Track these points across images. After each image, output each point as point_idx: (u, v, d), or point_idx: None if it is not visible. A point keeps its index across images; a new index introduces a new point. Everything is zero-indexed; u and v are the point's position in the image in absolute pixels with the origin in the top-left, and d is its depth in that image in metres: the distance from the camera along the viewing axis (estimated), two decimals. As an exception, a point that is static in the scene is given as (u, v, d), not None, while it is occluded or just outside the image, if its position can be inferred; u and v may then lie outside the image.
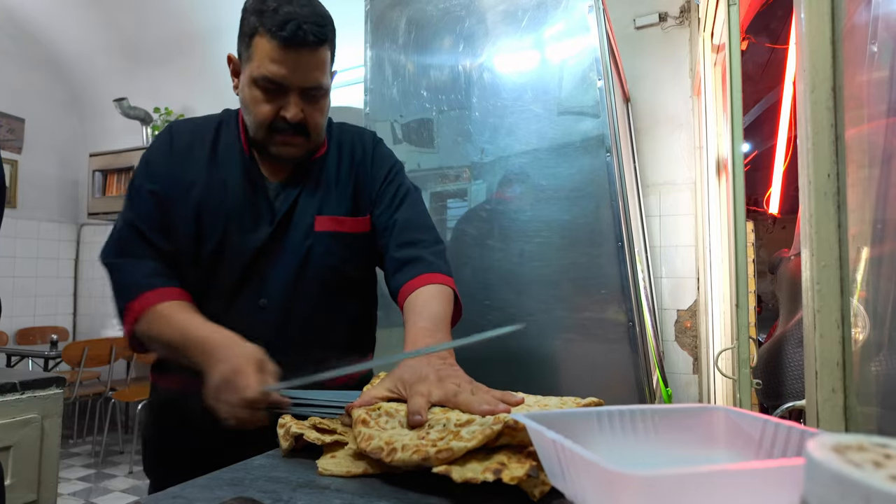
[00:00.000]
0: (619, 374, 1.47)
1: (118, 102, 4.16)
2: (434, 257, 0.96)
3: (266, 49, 0.85)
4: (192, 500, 0.49)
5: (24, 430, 1.30)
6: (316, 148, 0.97)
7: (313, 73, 0.87)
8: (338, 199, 0.98)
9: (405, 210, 1.00)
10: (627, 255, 1.47)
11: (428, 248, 0.97)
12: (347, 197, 0.99)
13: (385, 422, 0.61)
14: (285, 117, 0.88)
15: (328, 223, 0.96)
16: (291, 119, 0.88)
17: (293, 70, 0.85)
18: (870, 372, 0.67)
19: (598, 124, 1.50)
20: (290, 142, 0.91)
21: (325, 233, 0.95)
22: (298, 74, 0.86)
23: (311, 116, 0.90)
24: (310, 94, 0.89)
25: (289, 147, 0.92)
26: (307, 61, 0.86)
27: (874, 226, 0.66)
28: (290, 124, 0.89)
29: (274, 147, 0.92)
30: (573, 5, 1.56)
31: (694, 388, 2.53)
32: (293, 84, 0.87)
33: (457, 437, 0.52)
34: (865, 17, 0.71)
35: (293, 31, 0.82)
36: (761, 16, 2.63)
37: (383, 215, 0.99)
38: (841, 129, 0.67)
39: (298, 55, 0.85)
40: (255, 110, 0.90)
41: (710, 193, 2.22)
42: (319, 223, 0.95)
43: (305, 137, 0.92)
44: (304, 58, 0.85)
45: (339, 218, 0.97)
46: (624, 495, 0.31)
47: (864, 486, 0.19)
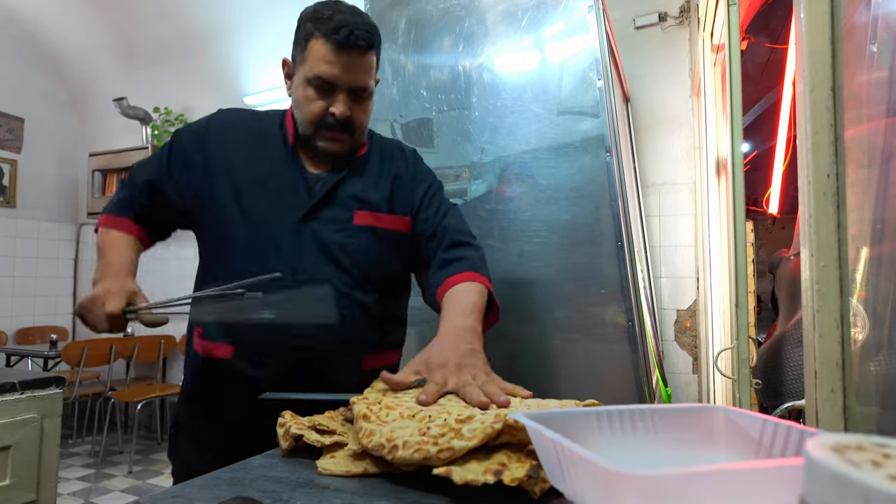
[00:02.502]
0: (619, 374, 1.47)
1: (118, 102, 4.16)
2: (478, 260, 1.05)
3: (320, 51, 0.94)
4: (191, 500, 0.49)
5: (23, 430, 1.30)
6: (358, 146, 1.05)
7: (361, 75, 0.96)
8: (376, 197, 1.05)
9: (451, 218, 1.09)
10: (627, 255, 1.47)
11: (474, 251, 1.07)
12: (385, 198, 1.05)
13: (386, 414, 0.61)
14: (334, 114, 0.96)
15: (367, 218, 1.02)
16: (340, 116, 0.96)
17: (344, 70, 0.94)
18: (869, 372, 0.67)
19: (598, 124, 1.50)
20: (336, 137, 0.99)
21: (365, 227, 1.01)
22: (348, 75, 0.95)
23: (356, 115, 0.99)
24: (357, 94, 0.98)
25: (335, 142, 1.00)
26: (356, 63, 0.95)
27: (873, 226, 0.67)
28: (339, 121, 0.97)
29: (322, 141, 0.99)
30: (573, 5, 1.56)
31: (693, 388, 2.53)
32: (343, 83, 0.95)
33: (458, 436, 0.52)
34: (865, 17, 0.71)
35: (346, 35, 0.92)
36: (761, 16, 2.63)
37: (431, 221, 1.07)
38: (840, 129, 0.67)
39: (349, 57, 0.93)
40: (306, 107, 0.98)
41: (710, 193, 2.22)
42: (359, 217, 1.01)
43: (350, 134, 1.00)
44: (354, 60, 0.94)
45: (377, 214, 1.03)
46: (623, 495, 0.31)
47: (863, 486, 0.19)
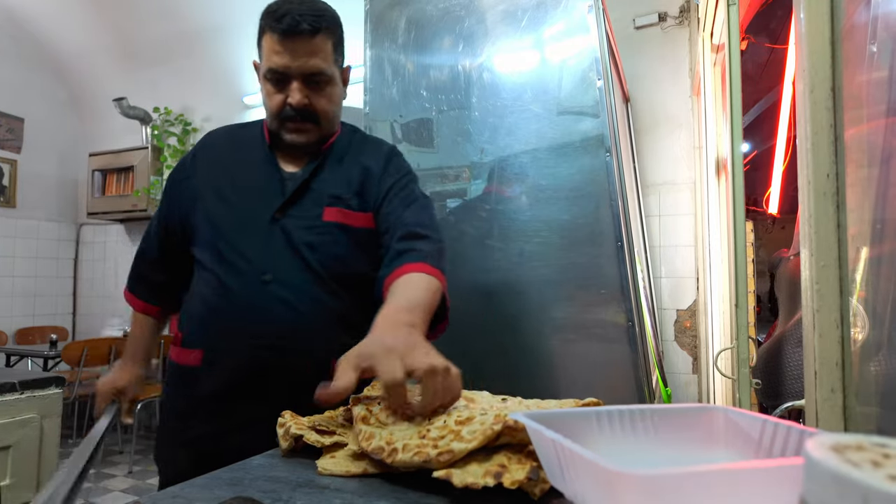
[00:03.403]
0: (619, 374, 1.47)
1: (118, 102, 4.16)
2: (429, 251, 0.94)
3: (270, 44, 0.94)
4: (191, 500, 0.49)
5: (23, 430, 1.30)
6: (328, 136, 1.03)
7: (311, 60, 0.94)
8: (346, 192, 1.02)
9: (414, 212, 1.01)
10: (627, 255, 1.47)
11: (431, 244, 0.96)
12: (355, 193, 1.03)
13: (386, 416, 0.61)
14: (291, 104, 0.95)
15: (336, 214, 1.00)
16: (296, 105, 0.95)
17: (292, 58, 0.93)
18: (869, 372, 0.67)
19: (598, 124, 1.50)
20: (300, 128, 0.98)
21: (333, 224, 0.99)
22: (297, 62, 0.93)
23: (316, 102, 0.97)
24: (312, 80, 0.96)
25: (299, 133, 0.99)
26: (304, 49, 0.93)
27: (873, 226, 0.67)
28: (297, 110, 0.96)
29: (287, 134, 0.99)
30: (573, 5, 1.56)
31: (693, 388, 2.53)
32: (294, 72, 0.94)
33: (457, 438, 0.52)
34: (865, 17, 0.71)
35: (289, 22, 0.91)
36: (761, 16, 2.63)
37: (392, 214, 1.01)
38: (840, 129, 0.67)
39: (295, 44, 0.92)
40: (268, 103, 0.99)
41: (710, 193, 2.22)
42: (328, 214, 0.99)
43: (315, 124, 0.99)
44: (301, 46, 0.93)
45: (346, 211, 1.01)
46: (623, 495, 0.31)
47: (863, 486, 0.19)
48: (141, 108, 4.28)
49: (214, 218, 0.99)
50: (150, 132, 4.31)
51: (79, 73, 4.66)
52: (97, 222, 4.75)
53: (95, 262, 4.84)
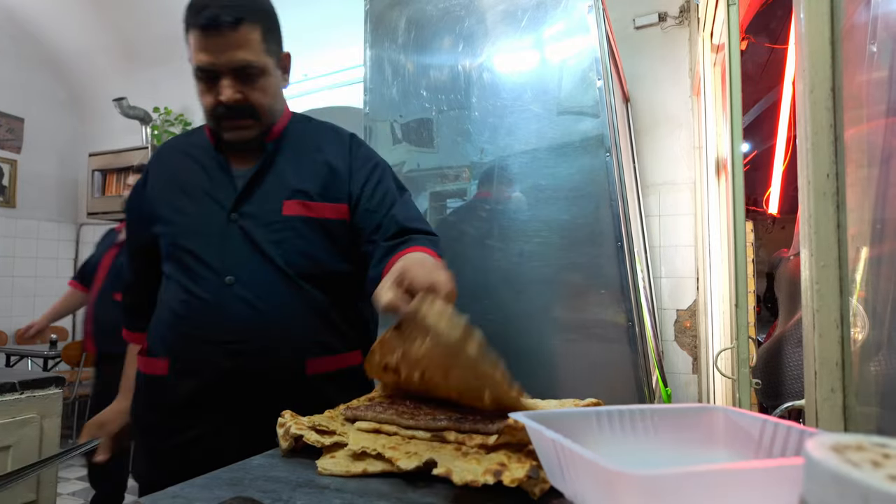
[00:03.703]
0: (619, 374, 1.47)
1: (118, 102, 4.16)
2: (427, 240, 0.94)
3: (193, 42, 0.90)
4: (191, 500, 0.49)
5: (23, 430, 1.30)
6: (268, 128, 0.99)
7: (237, 53, 0.89)
8: (306, 184, 0.97)
9: (401, 209, 0.99)
10: (627, 255, 1.47)
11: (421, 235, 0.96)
12: (317, 184, 0.98)
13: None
14: (223, 101, 0.91)
15: (297, 207, 0.96)
16: (227, 101, 0.91)
17: (216, 53, 0.89)
18: (869, 372, 0.67)
19: (598, 124, 1.50)
20: (237, 125, 0.94)
21: (295, 217, 0.95)
22: (223, 57, 0.89)
23: (251, 96, 0.93)
24: (243, 74, 0.91)
25: (239, 130, 0.95)
26: (228, 42, 0.88)
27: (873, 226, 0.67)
28: (229, 107, 0.92)
29: (226, 133, 0.96)
30: (573, 5, 1.56)
31: (693, 388, 2.53)
32: (221, 67, 0.90)
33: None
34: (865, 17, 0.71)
35: (208, 16, 0.87)
36: (761, 16, 2.63)
37: (377, 212, 0.98)
38: (840, 129, 0.67)
39: (218, 38, 0.88)
40: (202, 102, 0.94)
41: (710, 193, 2.22)
42: (288, 207, 0.95)
43: (254, 119, 0.95)
44: (225, 39, 0.88)
45: (308, 203, 0.96)
46: (623, 494, 0.31)
47: (863, 486, 0.19)
48: (141, 108, 4.28)
49: (172, 228, 0.97)
50: (150, 132, 4.31)
51: (79, 73, 4.66)
52: (97, 222, 4.74)
53: (95, 262, 4.84)
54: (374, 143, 1.85)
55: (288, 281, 0.92)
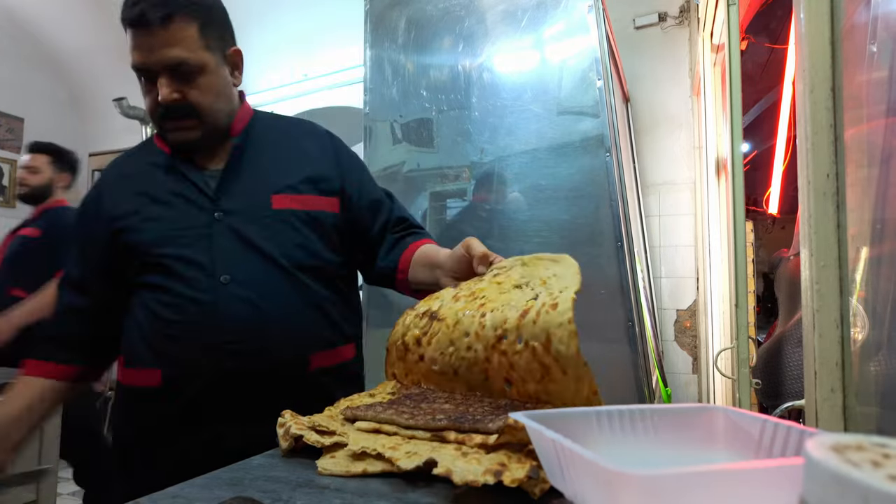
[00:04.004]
0: (619, 374, 1.47)
1: (118, 102, 4.16)
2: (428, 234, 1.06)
3: (129, 39, 0.86)
4: (191, 500, 0.49)
5: (23, 430, 1.30)
6: (218, 128, 0.94)
7: (171, 51, 0.85)
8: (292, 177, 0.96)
9: (398, 205, 1.07)
10: (627, 255, 1.47)
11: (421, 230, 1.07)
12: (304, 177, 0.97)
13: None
14: (160, 101, 0.87)
15: (287, 201, 0.94)
16: (163, 101, 0.87)
17: (147, 52, 0.85)
18: (869, 372, 0.67)
19: (598, 124, 1.50)
20: (180, 126, 0.90)
21: (286, 211, 0.93)
22: (154, 55, 0.85)
23: (189, 95, 0.89)
24: (179, 72, 0.87)
25: (182, 131, 0.91)
26: (160, 40, 0.85)
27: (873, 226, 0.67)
28: (167, 107, 0.88)
29: (169, 134, 0.92)
30: (573, 5, 1.56)
31: (693, 388, 2.53)
32: (154, 66, 0.86)
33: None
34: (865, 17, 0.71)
35: (136, 14, 0.84)
36: (761, 16, 2.63)
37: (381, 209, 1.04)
38: (840, 129, 0.67)
39: (149, 36, 0.85)
40: (145, 103, 0.91)
41: (710, 193, 2.22)
42: (278, 201, 0.93)
43: (195, 119, 0.90)
44: (157, 37, 0.85)
45: (298, 196, 0.95)
46: (623, 495, 0.31)
47: (863, 486, 0.19)
48: (141, 108, 4.27)
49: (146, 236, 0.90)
50: (149, 132, 4.31)
51: (79, 73, 4.66)
52: (97, 222, 4.75)
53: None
54: (374, 143, 1.85)
55: (286, 275, 0.90)
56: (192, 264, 0.88)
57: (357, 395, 0.78)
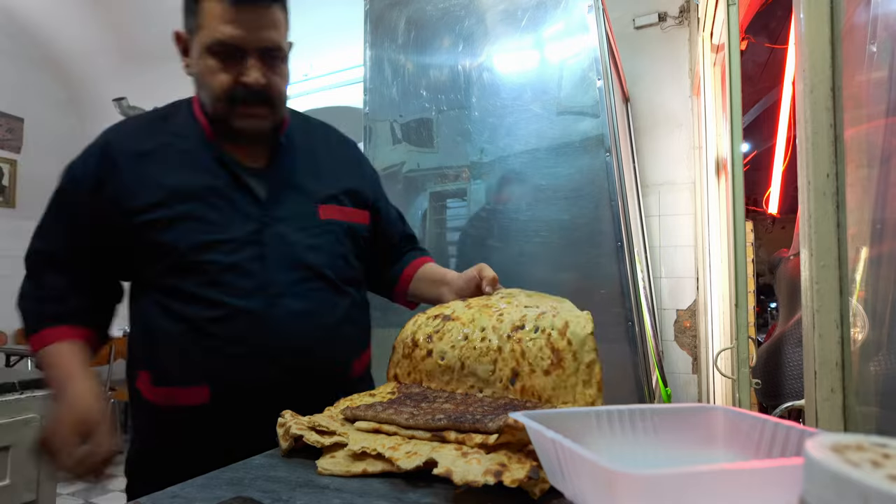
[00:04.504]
0: (619, 374, 1.47)
1: (117, 102, 4.16)
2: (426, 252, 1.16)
3: (216, 11, 0.78)
4: (191, 500, 0.49)
5: (23, 430, 1.30)
6: (280, 121, 0.90)
7: (270, 33, 0.81)
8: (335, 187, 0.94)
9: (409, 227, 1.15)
10: (627, 255, 1.47)
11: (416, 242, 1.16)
12: (344, 188, 0.95)
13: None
14: (246, 83, 0.81)
15: (333, 212, 0.92)
16: (253, 84, 0.81)
17: (248, 29, 0.79)
18: (869, 372, 0.67)
19: (598, 124, 1.50)
20: (253, 112, 0.84)
21: (332, 222, 0.91)
22: (254, 34, 0.79)
23: (273, 82, 0.84)
24: (269, 55, 0.82)
25: (253, 119, 0.84)
26: (262, 19, 0.80)
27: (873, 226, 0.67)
28: (252, 91, 0.82)
29: (237, 120, 0.84)
30: (573, 5, 1.56)
31: (693, 388, 2.53)
32: (250, 45, 0.80)
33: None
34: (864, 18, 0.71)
35: None
36: (761, 16, 2.63)
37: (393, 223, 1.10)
38: (840, 129, 0.67)
39: (252, 13, 0.79)
40: (212, 82, 0.82)
41: (710, 193, 2.22)
42: (324, 211, 0.91)
43: (269, 108, 0.85)
44: (259, 16, 0.79)
45: (342, 208, 0.94)
46: (623, 495, 0.31)
47: (863, 486, 0.19)
48: (141, 108, 4.28)
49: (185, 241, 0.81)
50: (149, 132, 4.31)
51: (78, 72, 4.66)
52: (97, 222, 4.75)
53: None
54: (374, 143, 1.85)
55: (332, 286, 0.88)
56: (242, 274, 0.81)
57: (357, 395, 0.78)
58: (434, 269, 1.06)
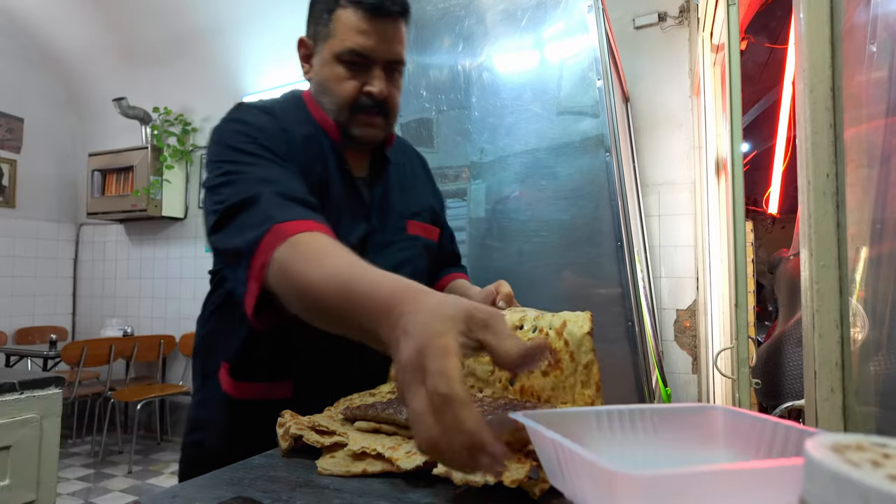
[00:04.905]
0: (619, 374, 1.47)
1: (117, 102, 4.16)
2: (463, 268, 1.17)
3: (351, 21, 0.82)
4: (191, 500, 0.49)
5: (23, 430, 1.30)
6: (390, 133, 0.93)
7: (397, 46, 0.84)
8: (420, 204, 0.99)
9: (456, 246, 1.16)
10: (627, 255, 1.47)
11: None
12: (426, 206, 1.00)
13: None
14: (371, 92, 0.84)
15: (418, 228, 0.96)
16: (378, 94, 0.84)
17: (379, 41, 0.82)
18: (868, 371, 0.67)
19: (598, 124, 1.50)
20: (372, 122, 0.87)
21: (417, 238, 0.95)
22: (384, 46, 0.83)
23: (392, 94, 0.87)
24: (392, 68, 0.86)
25: (371, 128, 0.87)
26: (391, 32, 0.83)
27: (873, 225, 0.67)
28: (375, 101, 0.84)
29: (357, 128, 0.86)
30: (572, 5, 1.56)
31: (693, 388, 2.53)
32: (379, 56, 0.83)
33: None
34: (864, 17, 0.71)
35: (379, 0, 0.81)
36: (761, 16, 2.63)
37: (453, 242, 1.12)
38: (840, 128, 0.67)
39: (384, 25, 0.82)
40: (338, 89, 0.85)
41: (710, 193, 2.22)
42: (411, 227, 0.94)
43: (385, 118, 0.88)
44: (389, 28, 0.83)
45: (424, 224, 0.98)
46: (623, 495, 0.31)
47: (863, 486, 0.19)
48: (140, 108, 4.28)
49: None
50: (149, 132, 4.31)
51: (79, 73, 4.66)
52: (97, 222, 4.75)
53: (95, 263, 4.84)
54: (373, 143, 1.85)
55: None
56: None
57: (357, 394, 0.78)
58: (462, 284, 1.03)
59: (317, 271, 0.56)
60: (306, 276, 0.57)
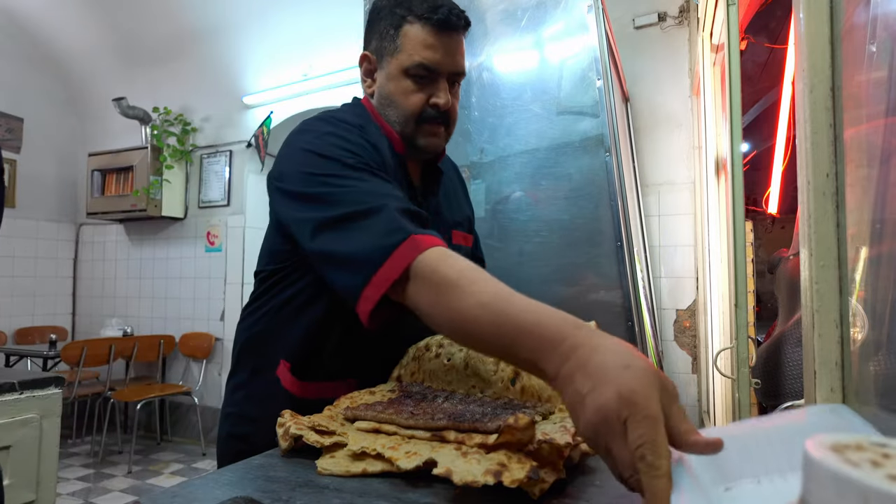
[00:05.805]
0: (619, 374, 1.47)
1: (117, 102, 4.16)
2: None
3: (419, 36, 0.84)
4: (191, 500, 0.49)
5: (22, 430, 1.30)
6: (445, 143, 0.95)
7: (460, 59, 0.88)
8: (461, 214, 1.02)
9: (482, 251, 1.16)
10: (627, 254, 1.47)
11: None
12: (465, 216, 1.03)
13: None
14: (437, 104, 0.86)
15: (461, 238, 0.99)
16: (443, 106, 0.86)
17: (445, 54, 0.85)
18: (868, 372, 0.67)
19: (598, 124, 1.50)
20: (436, 132, 0.89)
21: (459, 247, 0.97)
22: (449, 59, 0.86)
23: (454, 105, 0.90)
24: (454, 80, 0.89)
25: (434, 138, 0.90)
26: (456, 46, 0.86)
27: (873, 225, 0.67)
28: (439, 112, 0.87)
29: (422, 138, 0.89)
30: (572, 5, 1.56)
31: (693, 388, 2.53)
32: (444, 69, 0.86)
33: None
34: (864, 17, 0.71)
35: (446, 14, 0.83)
36: (760, 15, 2.63)
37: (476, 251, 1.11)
38: (840, 128, 0.67)
39: (450, 39, 0.85)
40: (405, 101, 0.87)
41: (709, 193, 2.22)
42: (456, 237, 0.97)
43: (446, 129, 0.91)
44: (454, 42, 0.86)
45: (465, 234, 1.01)
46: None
47: (863, 486, 0.19)
48: (140, 108, 4.28)
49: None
50: (149, 132, 4.31)
51: (78, 72, 4.66)
52: (96, 222, 4.75)
53: (95, 262, 4.84)
54: (373, 143, 1.85)
55: None
56: None
57: (357, 393, 0.78)
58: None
59: (468, 300, 0.59)
60: (458, 305, 0.59)
